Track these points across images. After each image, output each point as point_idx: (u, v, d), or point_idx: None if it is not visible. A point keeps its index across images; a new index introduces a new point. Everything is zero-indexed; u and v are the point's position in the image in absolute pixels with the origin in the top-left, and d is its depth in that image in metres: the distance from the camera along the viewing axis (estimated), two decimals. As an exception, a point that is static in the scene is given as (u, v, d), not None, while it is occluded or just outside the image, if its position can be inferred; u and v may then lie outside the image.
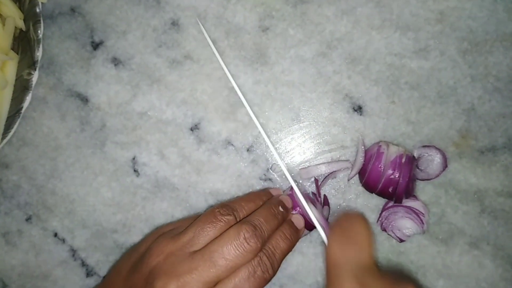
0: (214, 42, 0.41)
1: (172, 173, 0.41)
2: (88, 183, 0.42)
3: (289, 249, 0.33)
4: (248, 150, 0.41)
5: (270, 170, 0.40)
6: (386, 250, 0.39)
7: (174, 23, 0.41)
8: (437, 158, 0.37)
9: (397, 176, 0.35)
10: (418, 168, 0.38)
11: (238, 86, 0.40)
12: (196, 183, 0.41)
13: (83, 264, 0.42)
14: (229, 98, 0.41)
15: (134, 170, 0.42)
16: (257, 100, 0.40)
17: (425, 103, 0.38)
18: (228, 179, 0.41)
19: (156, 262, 0.31)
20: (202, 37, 0.41)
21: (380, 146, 0.37)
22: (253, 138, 0.41)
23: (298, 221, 0.35)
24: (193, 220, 0.34)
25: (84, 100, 0.42)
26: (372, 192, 0.38)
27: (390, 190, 0.36)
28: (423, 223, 0.37)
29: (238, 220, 0.32)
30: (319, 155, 0.40)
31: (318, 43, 0.40)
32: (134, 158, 0.42)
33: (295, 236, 0.34)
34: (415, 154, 0.38)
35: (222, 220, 0.32)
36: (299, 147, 0.40)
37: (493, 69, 0.38)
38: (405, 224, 0.38)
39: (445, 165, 0.38)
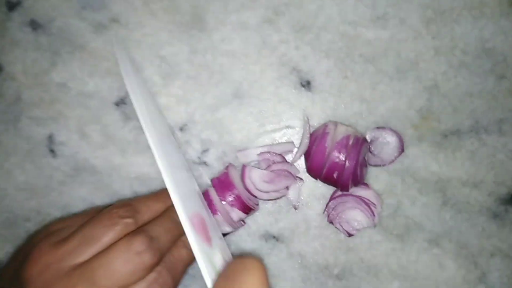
0: (145, 3, 0.35)
1: (93, 154, 0.36)
2: (-1, 164, 0.37)
3: (192, 258, 0.29)
4: (181, 129, 0.36)
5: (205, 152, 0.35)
6: (333, 246, 0.34)
7: (101, -18, 0.36)
8: (392, 141, 0.33)
9: (342, 160, 0.30)
10: (370, 152, 0.33)
11: (171, 55, 0.35)
12: (120, 166, 0.36)
13: (-9, 257, 0.37)
14: (161, 68, 0.35)
15: (51, 150, 0.36)
16: (192, 72, 0.35)
17: (382, 79, 0.33)
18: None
19: (30, 275, 0.25)
20: (132, -2, 0.36)
21: (327, 126, 0.32)
22: (187, 115, 0.35)
23: None
24: (91, 217, 0.28)
25: (-3, 68, 0.37)
26: (316, 179, 0.33)
27: (335, 175, 0.31)
28: (374, 215, 0.32)
29: (139, 224, 0.27)
30: (262, 136, 0.35)
31: (263, 8, 0.35)
32: (50, 136, 0.36)
33: None
34: (368, 137, 0.33)
35: (119, 223, 0.26)
36: (239, 126, 0.35)
37: (459, 41, 0.33)
38: (355, 216, 0.33)
39: (401, 150, 0.33)
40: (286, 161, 0.34)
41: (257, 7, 0.35)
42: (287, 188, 0.34)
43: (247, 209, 0.33)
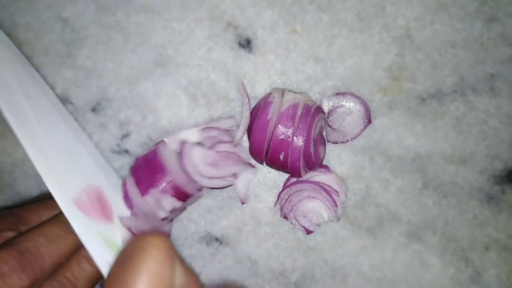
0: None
1: (-14, 148, 0.29)
2: None
3: (101, 274, 0.22)
4: (93, 109, 0.29)
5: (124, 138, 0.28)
6: (289, 246, 0.28)
7: None
8: (356, 111, 0.26)
9: (289, 135, 0.23)
10: (329, 125, 0.26)
11: (74, 16, 0.28)
12: (24, 161, 0.29)
13: None
14: (65, 34, 0.28)
15: None
16: (103, 35, 0.28)
17: (340, 31, 0.27)
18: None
19: None
20: None
21: (271, 94, 0.25)
22: (100, 91, 0.28)
23: None
24: None
25: None
26: (261, 163, 0.26)
27: (281, 157, 0.24)
28: (336, 205, 0.25)
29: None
30: (194, 112, 0.28)
31: None
32: None
33: None
34: (325, 106, 0.26)
35: None
36: (166, 102, 0.28)
37: (436, -23, 0.26)
38: (313, 208, 0.26)
39: (368, 121, 0.26)
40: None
41: (179, -52, 0.27)
42: (235, 175, 0.27)
43: (184, 196, 0.26)
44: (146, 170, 0.26)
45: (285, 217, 0.27)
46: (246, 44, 0.28)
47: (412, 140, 0.27)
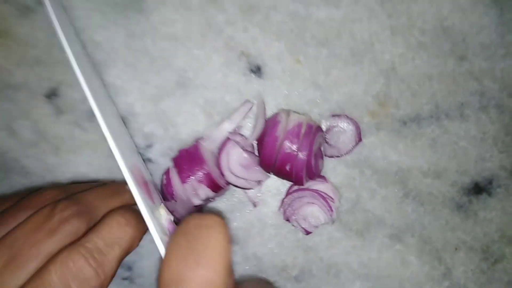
0: (76, -16, 0.32)
1: (24, 153, 0.32)
2: None
3: (131, 242, 0.24)
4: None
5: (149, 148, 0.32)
6: (291, 245, 0.31)
7: (26, -40, 0.32)
8: (349, 130, 0.30)
9: (295, 150, 0.27)
10: (326, 142, 0.30)
11: (106, 40, 0.31)
12: (54, 166, 0.32)
13: None
14: (95, 55, 0.32)
15: (-26, 150, 0.32)
16: (131, 58, 0.32)
17: (336, 63, 0.31)
18: (96, 160, 0.32)
19: None
20: (61, -22, 0.32)
21: (279, 114, 0.29)
22: (127, 107, 0.32)
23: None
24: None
25: None
26: (269, 172, 0.30)
27: (287, 168, 0.28)
28: (332, 210, 0.30)
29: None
30: (209, 128, 0.32)
31: (207, -14, 0.32)
32: (-27, 134, 0.32)
33: (139, 226, 0.25)
34: (323, 125, 0.30)
35: (59, 231, 0.22)
36: (185, 118, 0.32)
37: (417, 20, 0.31)
38: (312, 212, 0.30)
39: (359, 139, 0.30)
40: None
41: (200, -14, 0.32)
42: (258, 182, 0.31)
43: (217, 188, 0.29)
44: (187, 161, 0.29)
45: (288, 220, 0.31)
46: (257, 70, 0.32)
47: (395, 156, 0.31)
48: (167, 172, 0.30)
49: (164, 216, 0.25)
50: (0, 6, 0.32)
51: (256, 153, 0.30)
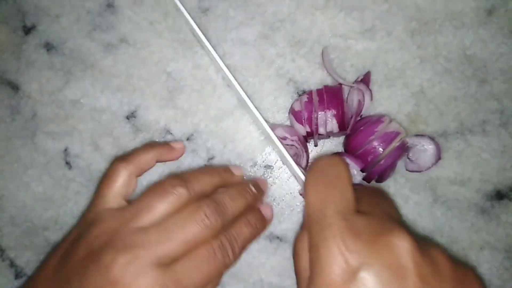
0: (151, 23, 0.38)
1: (107, 165, 0.38)
2: (18, 177, 0.39)
3: (252, 238, 0.30)
4: (188, 139, 0.38)
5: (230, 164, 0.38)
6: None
7: (110, 5, 0.39)
8: (430, 149, 0.34)
9: (380, 151, 0.33)
10: (409, 158, 0.35)
11: (176, 71, 0.38)
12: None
13: (12, 264, 0.39)
14: (168, 83, 0.38)
15: (66, 163, 0.39)
16: (197, 85, 0.38)
17: (372, 87, 0.36)
18: (166, 170, 0.38)
19: (98, 240, 0.27)
20: (138, 19, 0.38)
21: (384, 116, 0.34)
22: (193, 126, 0.38)
23: (267, 211, 0.32)
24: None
25: (15, 88, 0.40)
26: (349, 153, 0.35)
27: (368, 159, 0.33)
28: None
29: (191, 193, 0.29)
30: (263, 143, 0.37)
31: (260, 24, 0.37)
32: (66, 150, 0.39)
33: (261, 226, 0.31)
34: (408, 143, 0.35)
35: (172, 192, 0.28)
36: (242, 135, 0.37)
37: (443, 50, 0.36)
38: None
39: (438, 157, 0.35)
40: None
41: (254, 24, 0.38)
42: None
43: (342, 128, 0.34)
44: (329, 95, 0.34)
45: (331, 222, 0.36)
46: (303, 94, 0.37)
47: (425, 167, 0.36)
48: (310, 93, 0.35)
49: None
50: (88, 44, 0.39)
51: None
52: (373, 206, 0.25)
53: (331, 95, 0.34)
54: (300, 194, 0.36)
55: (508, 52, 0.35)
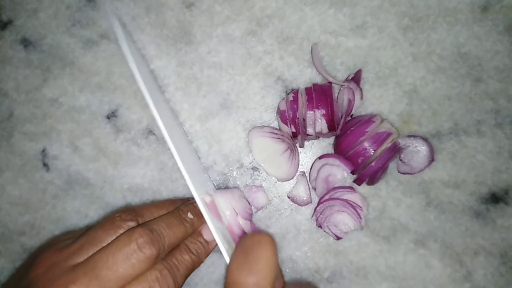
0: (133, 19, 0.37)
1: (86, 167, 0.37)
2: (-8, 180, 0.37)
3: (196, 264, 0.29)
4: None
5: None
6: (323, 249, 0.35)
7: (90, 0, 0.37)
8: (423, 150, 0.33)
9: (371, 153, 0.31)
10: (401, 160, 0.34)
11: (160, 68, 0.36)
12: (113, 178, 0.36)
13: (-14, 272, 0.37)
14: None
15: (44, 164, 0.37)
16: (181, 83, 0.36)
17: (363, 86, 0.35)
18: (149, 172, 0.36)
19: (35, 274, 0.26)
20: (120, 14, 0.37)
21: (375, 116, 0.33)
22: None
23: (209, 233, 0.31)
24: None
25: (-10, 86, 0.38)
26: (339, 154, 0.33)
27: (359, 160, 0.32)
28: (360, 217, 0.33)
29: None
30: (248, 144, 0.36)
31: (247, 20, 0.36)
32: (44, 151, 0.37)
33: (204, 250, 0.30)
34: (400, 144, 0.34)
35: (121, 226, 0.27)
36: (228, 135, 0.36)
37: (436, 47, 0.34)
38: (342, 220, 0.34)
39: (431, 159, 0.34)
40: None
41: (241, 20, 0.36)
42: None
43: (332, 128, 0.32)
44: (318, 94, 0.32)
45: (320, 226, 0.35)
46: (291, 93, 0.36)
47: (418, 169, 0.35)
48: (296, 92, 0.33)
49: (229, 234, 0.29)
50: (67, 40, 0.37)
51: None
52: None
53: (320, 94, 0.32)
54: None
55: (504, 49, 0.34)
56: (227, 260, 0.26)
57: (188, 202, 0.31)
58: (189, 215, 0.30)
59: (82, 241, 0.27)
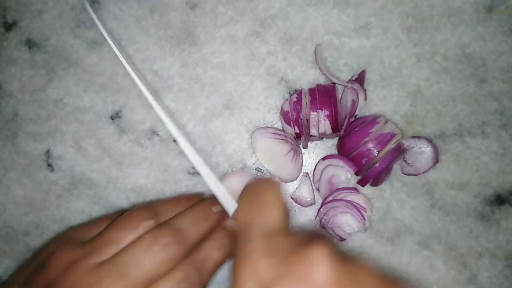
0: (137, 20, 0.37)
1: (90, 168, 0.37)
2: (-3, 180, 0.38)
3: (224, 260, 0.28)
4: (175, 140, 0.36)
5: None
6: (326, 251, 0.35)
7: (94, 1, 0.37)
8: (427, 151, 0.33)
9: (375, 154, 0.31)
10: (405, 161, 0.34)
11: (163, 69, 0.36)
12: (116, 179, 0.37)
13: (-10, 271, 0.37)
14: (154, 82, 0.37)
15: (48, 165, 0.37)
16: (184, 84, 0.36)
17: (367, 87, 0.34)
18: (152, 173, 0.36)
19: (54, 275, 0.25)
20: (124, 15, 0.37)
21: (379, 117, 0.33)
22: (180, 126, 0.36)
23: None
24: (110, 221, 0.29)
25: (-5, 86, 0.38)
26: (343, 155, 0.33)
27: (363, 161, 0.32)
28: (364, 219, 0.33)
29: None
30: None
31: (251, 21, 0.36)
32: (48, 151, 0.37)
33: (232, 245, 0.29)
34: (405, 145, 0.34)
35: (140, 226, 0.27)
36: (231, 136, 0.36)
37: (440, 48, 0.34)
38: (346, 221, 0.33)
39: (436, 160, 0.33)
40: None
41: (244, 21, 0.36)
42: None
43: (335, 129, 0.32)
44: (322, 94, 0.32)
45: (323, 228, 0.35)
46: (295, 94, 0.36)
47: (422, 170, 0.35)
48: (299, 93, 0.33)
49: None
50: (71, 41, 0.37)
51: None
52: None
53: (324, 95, 0.32)
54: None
55: (508, 50, 0.34)
56: (229, 210, 0.28)
57: (208, 197, 0.31)
58: (214, 209, 0.29)
59: (101, 241, 0.26)
